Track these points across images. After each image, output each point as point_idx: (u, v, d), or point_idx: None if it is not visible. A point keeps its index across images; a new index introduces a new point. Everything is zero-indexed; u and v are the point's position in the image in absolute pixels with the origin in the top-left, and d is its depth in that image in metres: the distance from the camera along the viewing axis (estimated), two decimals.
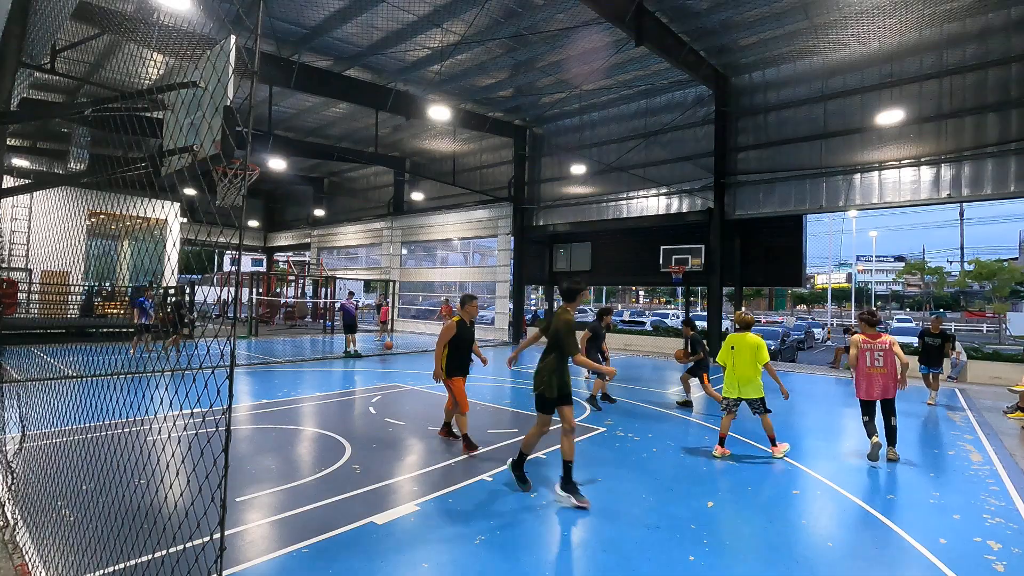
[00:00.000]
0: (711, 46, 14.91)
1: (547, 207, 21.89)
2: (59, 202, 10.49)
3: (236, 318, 23.29)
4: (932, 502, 5.01)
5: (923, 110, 13.80)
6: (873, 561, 3.88)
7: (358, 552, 3.73)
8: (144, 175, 2.88)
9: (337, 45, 15.25)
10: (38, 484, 4.54)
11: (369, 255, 30.75)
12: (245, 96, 2.25)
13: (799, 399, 10.51)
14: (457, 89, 18.20)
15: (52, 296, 17.71)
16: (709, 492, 5.10)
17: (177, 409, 6.63)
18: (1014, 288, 39.09)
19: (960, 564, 3.82)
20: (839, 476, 5.72)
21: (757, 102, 16.54)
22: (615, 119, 19.80)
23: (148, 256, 8.95)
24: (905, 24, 13.46)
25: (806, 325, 32.15)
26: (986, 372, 13.29)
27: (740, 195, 16.79)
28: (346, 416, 7.84)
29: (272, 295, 27.90)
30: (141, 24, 11.53)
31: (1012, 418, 8.98)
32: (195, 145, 2.48)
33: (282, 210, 37.45)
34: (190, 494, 3.90)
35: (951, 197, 13.53)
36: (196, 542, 3.25)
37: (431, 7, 12.95)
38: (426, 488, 4.97)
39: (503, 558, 3.73)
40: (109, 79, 15.93)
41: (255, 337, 19.74)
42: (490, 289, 23.44)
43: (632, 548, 3.93)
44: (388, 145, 24.80)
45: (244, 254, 30.04)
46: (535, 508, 4.61)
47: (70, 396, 6.12)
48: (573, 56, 15.22)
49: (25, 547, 3.49)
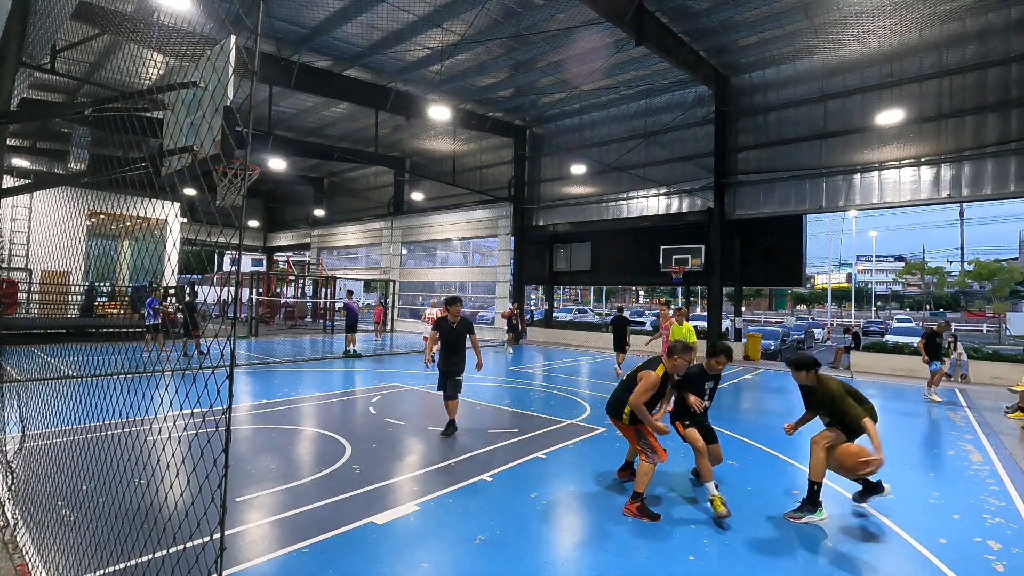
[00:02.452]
0: (711, 46, 14.91)
1: (547, 207, 21.89)
2: (59, 202, 10.51)
3: (236, 318, 23.28)
4: (932, 502, 5.01)
5: (923, 110, 13.80)
6: (873, 561, 3.88)
7: (358, 552, 3.72)
8: (144, 175, 2.88)
9: (337, 45, 15.25)
10: (38, 484, 4.54)
11: (369, 255, 30.76)
12: (245, 96, 2.25)
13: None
14: (457, 89, 18.19)
15: (52, 296, 17.71)
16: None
17: (177, 409, 6.63)
18: (1014, 288, 39.09)
19: (960, 564, 3.82)
20: (838, 476, 5.70)
21: (757, 102, 16.54)
22: (615, 119, 19.80)
23: (148, 256, 8.95)
24: (905, 24, 13.45)
25: (806, 325, 32.18)
26: (986, 372, 13.29)
27: (740, 195, 16.78)
28: (346, 416, 7.84)
29: (272, 295, 27.89)
30: (141, 24, 11.52)
31: (1012, 418, 8.98)
32: (195, 145, 2.48)
33: (282, 210, 37.46)
34: (190, 494, 3.90)
35: (951, 197, 13.53)
36: (196, 542, 3.25)
37: (431, 7, 12.94)
38: (426, 488, 4.97)
39: (503, 558, 3.72)
40: (109, 79, 15.93)
41: (255, 337, 19.74)
42: (490, 289, 23.44)
43: (632, 548, 3.93)
44: (388, 145, 24.80)
45: (244, 254, 30.02)
46: (535, 508, 4.61)
47: (70, 396, 6.12)
48: (573, 56, 15.22)
49: (25, 547, 3.49)
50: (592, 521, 4.42)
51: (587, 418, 8.08)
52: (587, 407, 8.82)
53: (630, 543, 4.00)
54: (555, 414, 8.25)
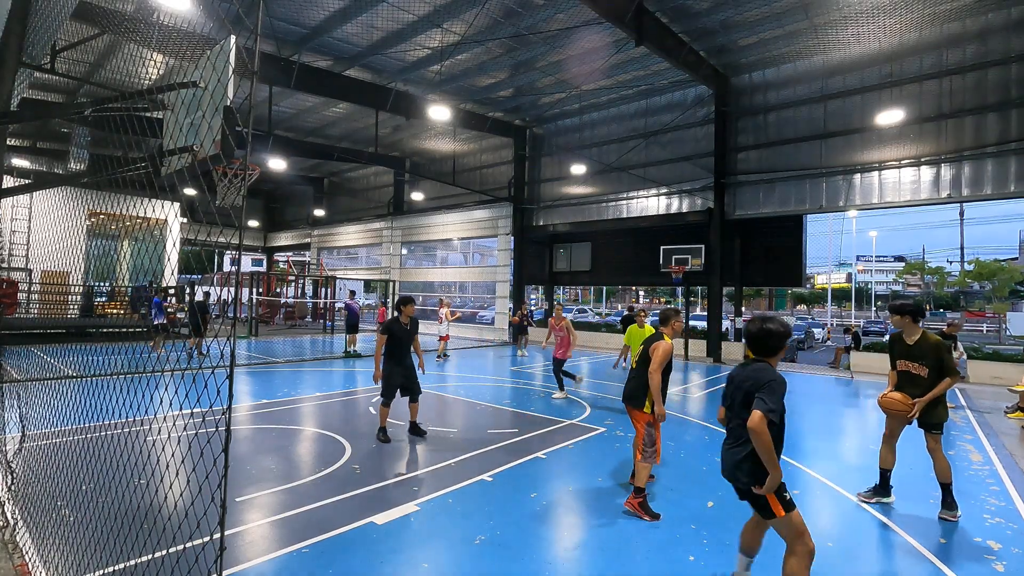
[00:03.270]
0: (711, 46, 14.91)
1: (547, 207, 21.89)
2: (59, 202, 10.48)
3: (236, 318, 23.28)
4: (932, 502, 5.00)
5: (923, 110, 13.80)
6: (873, 561, 3.88)
7: (358, 552, 3.73)
8: (144, 175, 2.88)
9: (337, 45, 15.25)
10: (38, 484, 4.54)
11: (369, 255, 30.76)
12: (245, 96, 2.25)
13: (799, 399, 10.51)
14: (457, 89, 18.19)
15: (52, 296, 17.71)
16: (709, 492, 5.10)
17: (177, 409, 6.63)
18: (1014, 288, 39.11)
19: (960, 564, 3.82)
20: (839, 476, 5.72)
21: (757, 102, 16.54)
22: (615, 119, 19.80)
23: (148, 256, 8.94)
24: (905, 24, 13.45)
25: (806, 325, 32.17)
26: (986, 372, 13.29)
27: (740, 195, 16.79)
28: (346, 416, 7.84)
29: (272, 295, 27.90)
30: (141, 24, 11.53)
31: (1012, 418, 8.98)
32: (195, 145, 2.48)
33: (282, 210, 37.46)
34: (190, 494, 3.90)
35: (951, 197, 13.53)
36: (196, 542, 3.25)
37: (431, 7, 12.94)
38: (426, 488, 4.97)
39: (503, 558, 3.73)
40: (109, 79, 15.94)
41: (255, 337, 19.74)
42: (490, 289, 23.43)
43: (632, 548, 3.93)
44: (388, 145, 24.80)
45: (244, 254, 30.04)
46: (535, 508, 4.61)
47: (70, 396, 6.12)
48: (573, 56, 15.22)
49: (25, 547, 3.49)
50: (592, 521, 4.42)
51: (587, 418, 8.08)
52: (587, 407, 8.82)
53: (630, 543, 4.00)
54: (555, 414, 8.25)
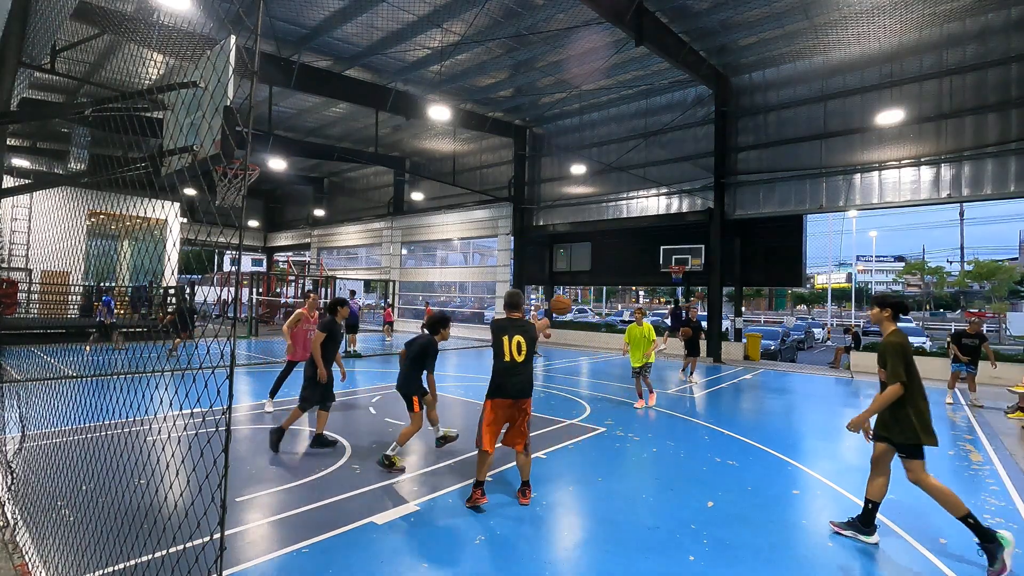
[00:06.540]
0: (711, 46, 14.91)
1: (547, 207, 21.89)
2: (59, 202, 10.48)
3: (236, 318, 23.28)
4: (932, 502, 5.00)
5: (923, 110, 13.80)
6: (873, 561, 3.88)
7: (358, 552, 3.72)
8: (144, 175, 2.88)
9: (337, 45, 15.25)
10: (38, 484, 4.54)
11: (369, 255, 30.77)
12: (245, 96, 2.25)
13: (799, 399, 10.51)
14: (457, 89, 18.20)
15: (52, 296, 17.71)
16: (709, 492, 5.10)
17: (177, 409, 6.63)
18: (1013, 288, 39.10)
19: (960, 564, 3.82)
20: (839, 476, 5.72)
21: (757, 102, 16.54)
22: (615, 119, 19.80)
23: (148, 256, 8.93)
24: (905, 24, 13.46)
25: (806, 325, 32.18)
26: (986, 372, 13.25)
27: (740, 195, 16.79)
28: (346, 416, 7.83)
29: (272, 295, 27.89)
30: (141, 24, 11.53)
31: (1012, 418, 8.98)
32: (195, 145, 2.48)
33: (282, 210, 37.46)
34: (190, 494, 3.90)
35: (951, 197, 13.53)
36: (196, 542, 3.25)
37: (431, 7, 12.95)
38: (426, 488, 4.97)
39: (503, 558, 3.72)
40: (109, 79, 15.93)
41: (255, 337, 19.73)
42: (490, 289, 23.44)
43: (632, 548, 3.93)
44: (388, 145, 24.80)
45: (244, 254, 30.03)
46: (535, 508, 4.61)
47: (70, 396, 6.12)
48: (573, 56, 15.22)
49: (25, 547, 3.49)
50: (592, 521, 4.42)
51: (587, 418, 8.08)
52: (587, 407, 8.82)
53: (630, 543, 4.00)
54: (555, 414, 8.25)
